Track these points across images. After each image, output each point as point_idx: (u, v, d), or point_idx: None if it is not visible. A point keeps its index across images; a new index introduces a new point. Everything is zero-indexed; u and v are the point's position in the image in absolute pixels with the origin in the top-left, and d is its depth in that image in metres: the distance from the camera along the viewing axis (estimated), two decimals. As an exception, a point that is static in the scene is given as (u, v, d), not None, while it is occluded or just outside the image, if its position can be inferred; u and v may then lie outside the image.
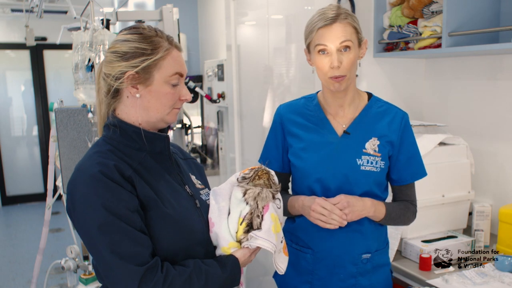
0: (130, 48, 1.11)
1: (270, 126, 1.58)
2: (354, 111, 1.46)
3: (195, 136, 3.95)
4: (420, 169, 1.50)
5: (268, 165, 1.58)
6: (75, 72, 2.20)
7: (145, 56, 1.10)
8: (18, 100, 6.66)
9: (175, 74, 1.14)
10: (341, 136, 1.44)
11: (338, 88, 1.37)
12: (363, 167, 1.41)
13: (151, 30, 1.14)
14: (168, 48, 1.13)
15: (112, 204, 1.03)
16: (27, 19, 4.22)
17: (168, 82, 1.13)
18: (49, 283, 3.72)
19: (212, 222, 1.19)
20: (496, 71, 1.99)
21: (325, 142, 1.44)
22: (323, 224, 1.36)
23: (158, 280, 1.02)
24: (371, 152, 1.41)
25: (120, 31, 1.19)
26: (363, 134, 1.43)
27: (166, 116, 1.16)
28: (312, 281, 1.49)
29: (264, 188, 1.18)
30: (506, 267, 1.58)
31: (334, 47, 1.33)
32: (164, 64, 1.12)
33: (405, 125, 1.45)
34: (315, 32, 1.35)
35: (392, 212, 1.45)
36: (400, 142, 1.44)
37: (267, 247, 1.14)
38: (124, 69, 1.11)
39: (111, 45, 1.15)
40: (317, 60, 1.37)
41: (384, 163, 1.43)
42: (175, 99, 1.16)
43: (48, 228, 2.54)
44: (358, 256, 1.45)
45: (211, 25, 4.45)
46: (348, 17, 1.35)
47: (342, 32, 1.33)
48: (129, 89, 1.13)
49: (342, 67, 1.34)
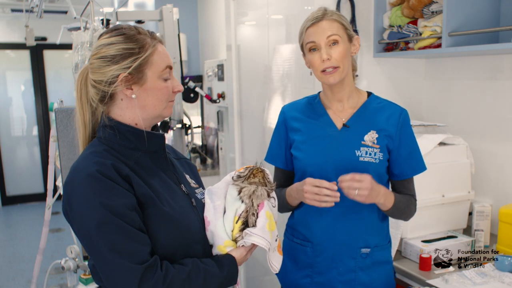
0: (118, 50, 1.10)
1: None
2: (354, 106, 1.50)
3: (195, 136, 3.94)
4: (420, 163, 1.53)
5: (272, 161, 1.60)
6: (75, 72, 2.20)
7: (134, 56, 1.10)
8: (18, 100, 6.66)
9: (165, 68, 1.14)
10: (340, 129, 1.48)
11: (333, 81, 1.42)
12: (361, 158, 1.43)
13: (131, 29, 1.14)
14: (153, 44, 1.13)
15: (110, 202, 1.03)
16: (27, 19, 4.22)
17: (160, 77, 1.14)
18: (49, 283, 3.72)
19: (207, 220, 1.20)
20: (496, 71, 2.00)
21: (324, 134, 1.49)
22: (319, 203, 1.37)
23: (158, 279, 1.02)
24: (369, 144, 1.45)
25: (100, 35, 1.17)
26: (362, 127, 1.47)
27: (163, 111, 1.17)
28: (312, 274, 1.52)
29: (259, 186, 1.19)
30: (506, 267, 1.58)
31: (322, 43, 1.40)
32: (154, 60, 1.12)
33: (404, 120, 1.48)
34: (305, 32, 1.44)
35: (399, 202, 1.47)
36: (400, 137, 1.47)
37: (262, 244, 1.14)
38: (116, 72, 1.10)
39: (95, 51, 1.13)
40: (310, 58, 1.44)
41: (382, 154, 1.45)
42: (170, 93, 1.17)
43: (48, 228, 2.54)
44: (357, 250, 1.47)
45: (211, 25, 4.45)
46: (334, 15, 1.43)
47: (329, 27, 1.40)
48: (124, 92, 1.12)
49: (332, 59, 1.39)
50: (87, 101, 1.17)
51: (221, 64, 3.50)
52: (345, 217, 1.46)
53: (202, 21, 4.68)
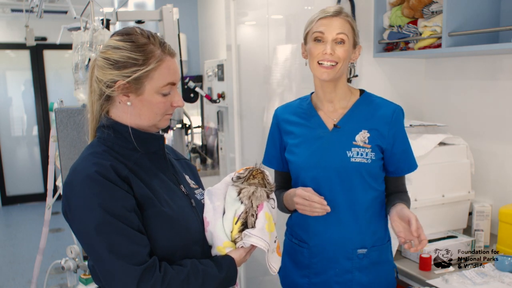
0: (122, 57, 1.09)
1: (270, 126, 1.60)
2: (345, 107, 1.50)
3: (195, 136, 3.94)
4: (413, 160, 1.53)
5: (269, 164, 1.61)
6: (75, 72, 2.20)
7: (136, 67, 1.09)
8: (18, 100, 6.66)
9: (166, 85, 1.12)
10: (331, 130, 1.47)
11: (326, 76, 1.41)
12: (353, 159, 1.43)
13: (144, 36, 1.11)
14: (160, 58, 1.11)
15: (109, 204, 1.03)
16: (27, 19, 4.22)
17: (159, 92, 1.12)
18: (49, 283, 3.72)
19: (207, 221, 1.20)
20: (496, 71, 1.99)
21: (316, 136, 1.48)
22: (311, 213, 1.39)
23: (156, 280, 1.02)
24: (360, 144, 1.44)
25: (113, 33, 1.16)
26: (353, 127, 1.46)
27: (158, 123, 1.16)
28: (309, 275, 1.52)
29: (259, 187, 1.19)
30: (506, 267, 1.58)
31: (330, 37, 1.39)
32: (156, 75, 1.10)
33: (397, 118, 1.46)
34: (315, 22, 1.42)
35: (408, 206, 1.48)
36: (394, 135, 1.46)
37: (260, 245, 1.14)
38: (115, 78, 1.09)
39: (103, 49, 1.13)
40: (312, 47, 1.42)
41: (374, 154, 1.44)
42: (167, 107, 1.15)
43: (48, 228, 2.54)
44: (353, 251, 1.47)
45: (211, 25, 4.45)
46: (349, 18, 1.43)
47: (341, 26, 1.40)
48: (120, 97, 1.12)
49: (334, 55, 1.39)
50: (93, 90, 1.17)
51: (221, 64, 3.50)
52: (340, 219, 1.45)
53: (202, 21, 4.68)
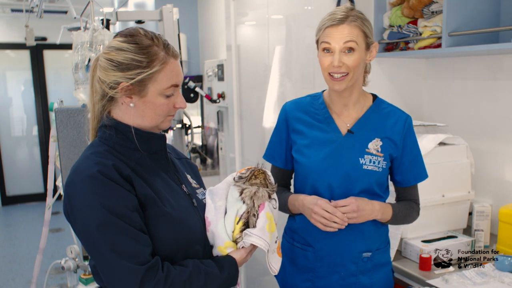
0: (125, 58, 1.09)
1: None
2: (359, 111, 1.47)
3: (195, 136, 3.94)
4: (423, 171, 1.52)
5: (271, 160, 1.60)
6: (75, 72, 2.20)
7: (140, 69, 1.08)
8: (18, 100, 6.66)
9: (170, 87, 1.12)
10: (344, 135, 1.45)
11: (338, 88, 1.38)
12: (365, 166, 1.42)
13: (148, 37, 1.11)
14: (164, 61, 1.11)
15: (111, 203, 1.03)
16: (27, 19, 4.22)
17: (162, 94, 1.12)
18: (49, 283, 3.72)
19: (208, 221, 1.20)
20: (496, 71, 1.99)
21: (328, 140, 1.46)
22: (323, 227, 1.38)
23: (159, 280, 1.02)
24: (373, 152, 1.43)
25: (117, 33, 1.16)
26: (366, 134, 1.44)
27: (160, 124, 1.17)
28: (313, 279, 1.50)
29: (261, 188, 1.19)
30: (506, 267, 1.58)
31: (337, 47, 1.34)
32: (160, 77, 1.10)
33: (408, 127, 1.47)
34: (323, 30, 1.38)
35: (399, 213, 1.47)
36: (404, 144, 1.46)
37: (260, 245, 1.14)
38: (118, 80, 1.09)
39: (106, 50, 1.12)
40: (321, 57, 1.40)
41: (386, 163, 1.44)
42: (170, 109, 1.15)
43: (48, 228, 2.54)
44: (359, 254, 1.46)
45: (211, 25, 4.45)
46: (357, 20, 1.35)
47: (348, 33, 1.34)
48: (123, 99, 1.12)
49: (343, 67, 1.35)
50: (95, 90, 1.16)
51: (221, 64, 3.50)
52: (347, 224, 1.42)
53: (202, 21, 4.68)
